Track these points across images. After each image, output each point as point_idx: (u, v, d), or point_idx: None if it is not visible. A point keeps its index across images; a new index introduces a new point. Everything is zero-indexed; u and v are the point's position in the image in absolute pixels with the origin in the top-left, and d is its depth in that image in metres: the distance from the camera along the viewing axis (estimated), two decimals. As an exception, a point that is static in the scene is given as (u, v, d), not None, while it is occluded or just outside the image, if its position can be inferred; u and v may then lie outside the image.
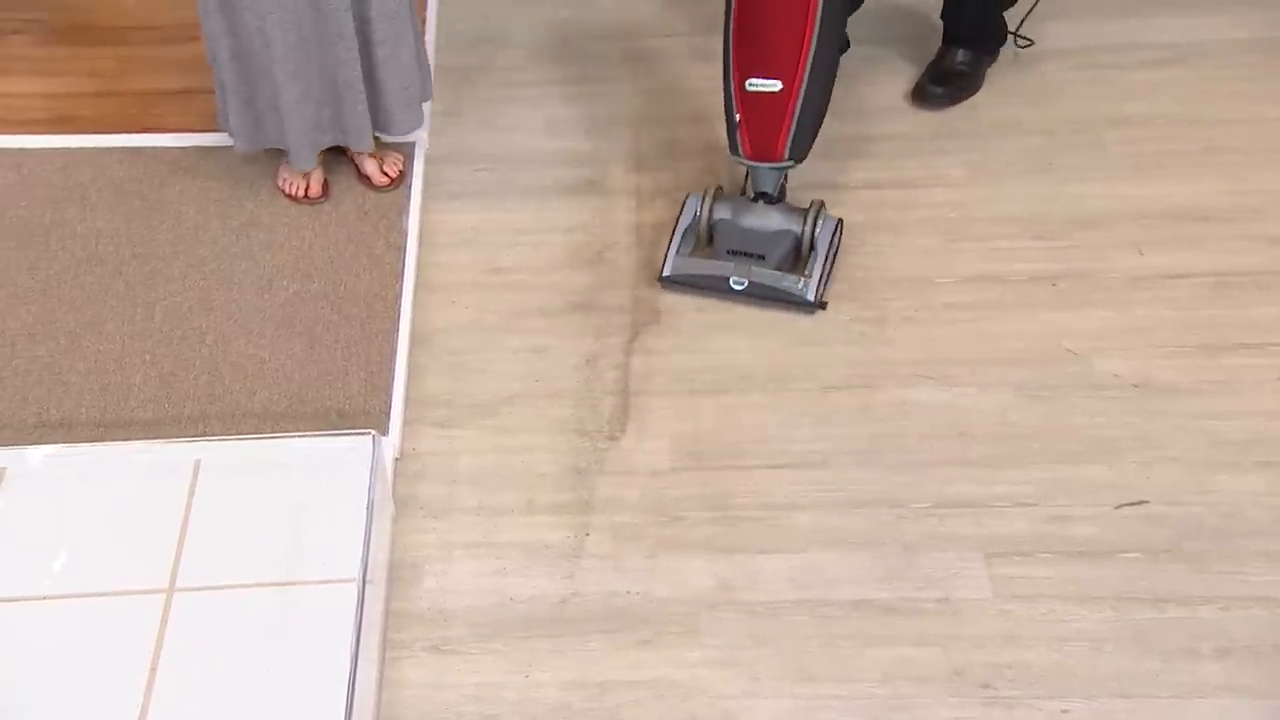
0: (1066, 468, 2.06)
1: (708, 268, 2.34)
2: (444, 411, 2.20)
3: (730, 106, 2.28)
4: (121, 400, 2.16)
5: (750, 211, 2.36)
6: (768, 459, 2.11)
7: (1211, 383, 2.16)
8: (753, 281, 2.30)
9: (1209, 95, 2.65)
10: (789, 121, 2.24)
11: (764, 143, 2.27)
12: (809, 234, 2.32)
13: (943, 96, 2.71)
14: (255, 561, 1.89)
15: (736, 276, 2.30)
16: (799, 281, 2.30)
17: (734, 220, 2.36)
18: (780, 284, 2.30)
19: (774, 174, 2.33)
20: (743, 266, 2.31)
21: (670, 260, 2.37)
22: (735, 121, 2.27)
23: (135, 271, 2.35)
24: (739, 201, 2.38)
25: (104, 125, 2.60)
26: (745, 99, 2.25)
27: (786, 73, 2.21)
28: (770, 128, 2.25)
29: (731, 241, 2.34)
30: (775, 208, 2.35)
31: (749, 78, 2.23)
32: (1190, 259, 2.35)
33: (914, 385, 2.19)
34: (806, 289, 2.29)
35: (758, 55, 2.22)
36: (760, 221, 2.35)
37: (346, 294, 2.33)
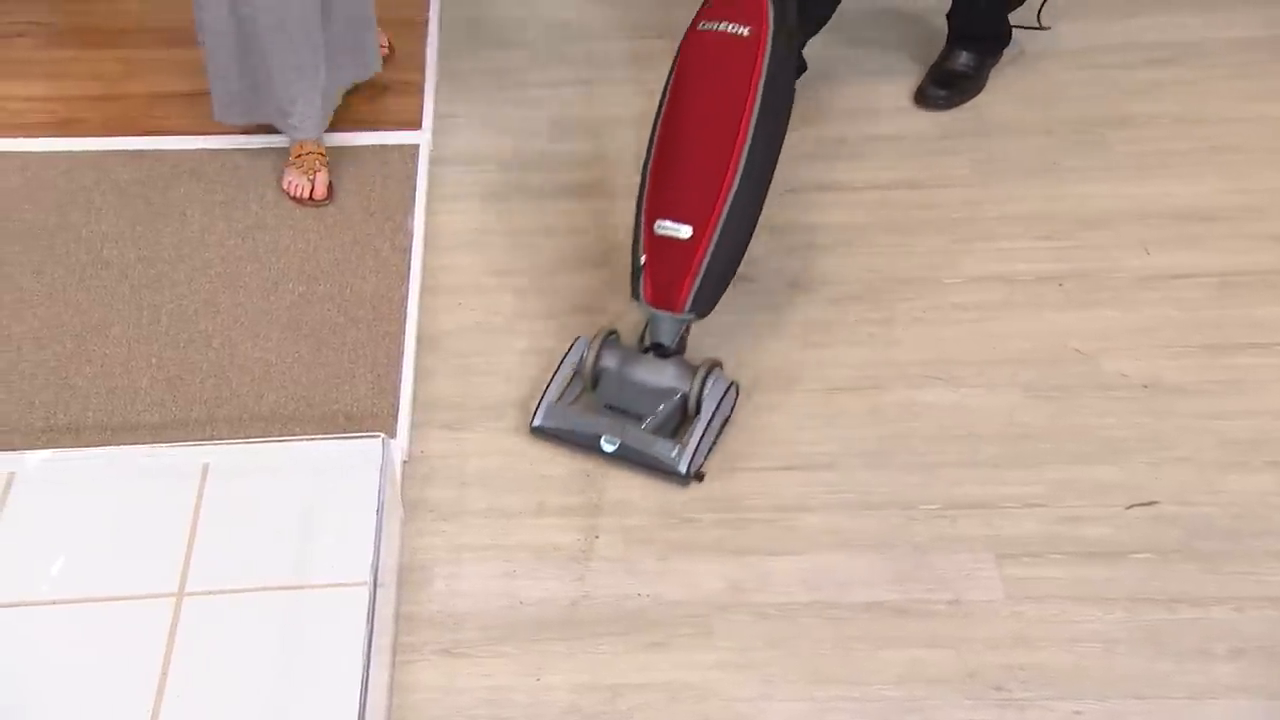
0: (1076, 468, 2.06)
1: (580, 423, 2.11)
2: (452, 414, 2.19)
3: (636, 246, 2.09)
4: (128, 404, 2.15)
5: (639, 364, 2.12)
6: (776, 460, 2.11)
7: (1220, 382, 2.16)
8: (624, 445, 2.06)
9: (1212, 94, 2.66)
10: (695, 272, 2.04)
11: (667, 291, 2.06)
12: (695, 394, 2.08)
13: (945, 99, 2.71)
14: (265, 565, 1.89)
15: (608, 437, 2.07)
16: (673, 449, 2.05)
17: (620, 371, 2.12)
18: (651, 450, 2.06)
19: (674, 325, 2.10)
20: (616, 426, 2.08)
21: (541, 409, 2.13)
22: (640, 264, 2.07)
23: (141, 275, 2.34)
24: (629, 351, 2.15)
25: (108, 128, 2.59)
26: (653, 241, 2.06)
27: (699, 219, 2.03)
28: (675, 276, 2.05)
29: (611, 395, 2.13)
30: (669, 362, 2.12)
31: (659, 219, 2.06)
32: (1196, 259, 2.35)
33: (922, 386, 2.19)
34: (679, 458, 2.04)
35: (671, 196, 2.06)
36: (649, 376, 2.11)
37: (353, 296, 2.32)
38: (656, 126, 2.12)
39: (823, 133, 2.65)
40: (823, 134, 2.64)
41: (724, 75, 2.06)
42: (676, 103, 2.11)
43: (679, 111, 2.10)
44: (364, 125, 2.63)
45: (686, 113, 2.09)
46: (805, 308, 2.32)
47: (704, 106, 2.08)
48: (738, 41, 2.07)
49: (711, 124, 2.06)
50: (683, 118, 2.09)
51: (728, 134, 2.03)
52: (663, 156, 2.09)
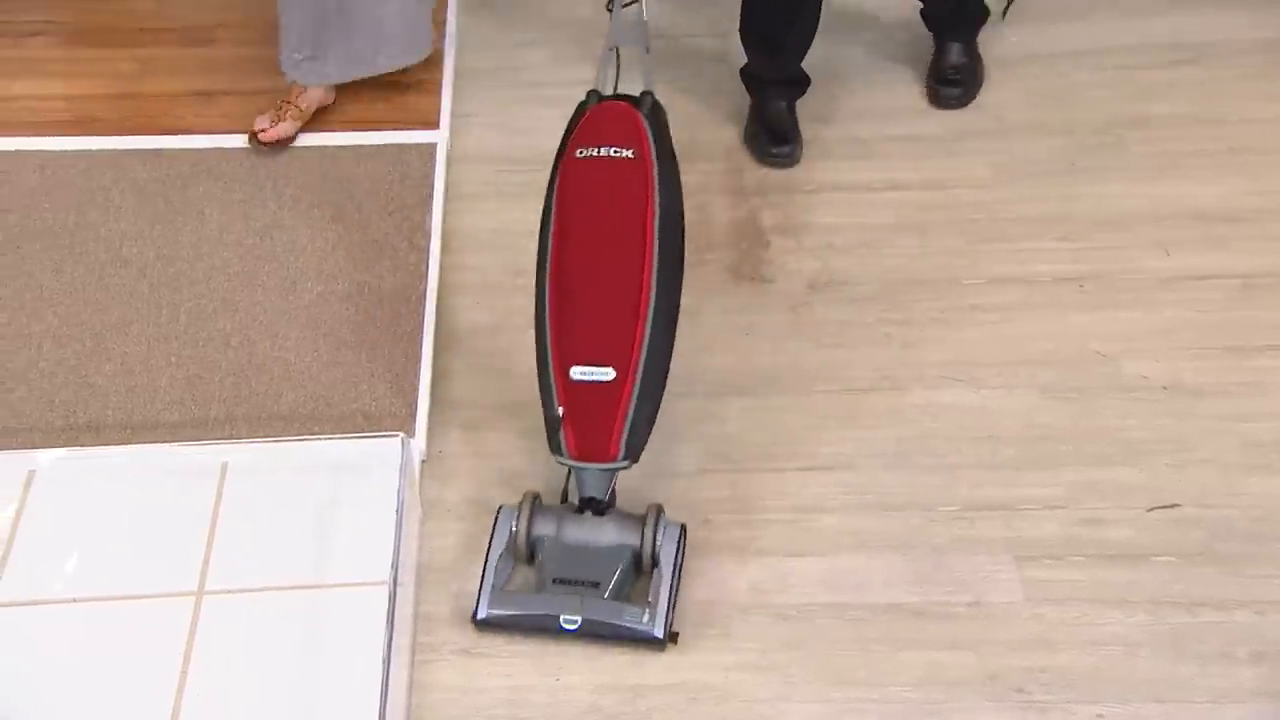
0: (1097, 470, 2.05)
1: (531, 605, 1.90)
2: (470, 414, 2.19)
3: (549, 398, 1.91)
4: (148, 402, 2.15)
5: (577, 524, 1.94)
6: (795, 461, 2.11)
7: (1241, 384, 2.15)
8: (587, 619, 1.86)
9: (1230, 95, 2.64)
10: (623, 414, 1.88)
11: (593, 440, 1.89)
12: (649, 548, 1.91)
13: (960, 97, 2.70)
14: (284, 564, 1.89)
15: (567, 615, 1.86)
16: (643, 614, 1.86)
17: (558, 537, 1.93)
18: (620, 619, 1.87)
19: (604, 477, 1.92)
20: (572, 601, 1.87)
21: (484, 599, 1.91)
22: (557, 416, 1.89)
23: (160, 273, 2.34)
24: (562, 512, 1.96)
25: (125, 127, 2.59)
26: (570, 390, 1.89)
27: (620, 359, 1.88)
28: (601, 422, 1.88)
29: (557, 567, 1.91)
30: (607, 518, 1.94)
31: (574, 365, 1.90)
32: (1217, 260, 2.34)
33: (941, 387, 2.19)
34: (653, 622, 1.86)
35: (583, 339, 1.91)
36: (590, 536, 1.93)
37: (371, 296, 2.32)
38: (546, 266, 1.95)
39: (839, 133, 2.64)
40: (839, 134, 2.63)
41: (615, 201, 1.95)
42: (566, 238, 1.96)
43: (571, 247, 1.95)
44: (382, 125, 2.62)
45: (580, 247, 1.95)
46: (823, 308, 2.32)
47: (600, 237, 1.94)
48: (624, 164, 1.96)
49: (612, 254, 1.93)
50: (577, 253, 1.95)
51: (633, 262, 1.91)
52: (562, 298, 1.93)
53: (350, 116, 2.63)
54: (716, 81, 2.76)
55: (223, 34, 2.79)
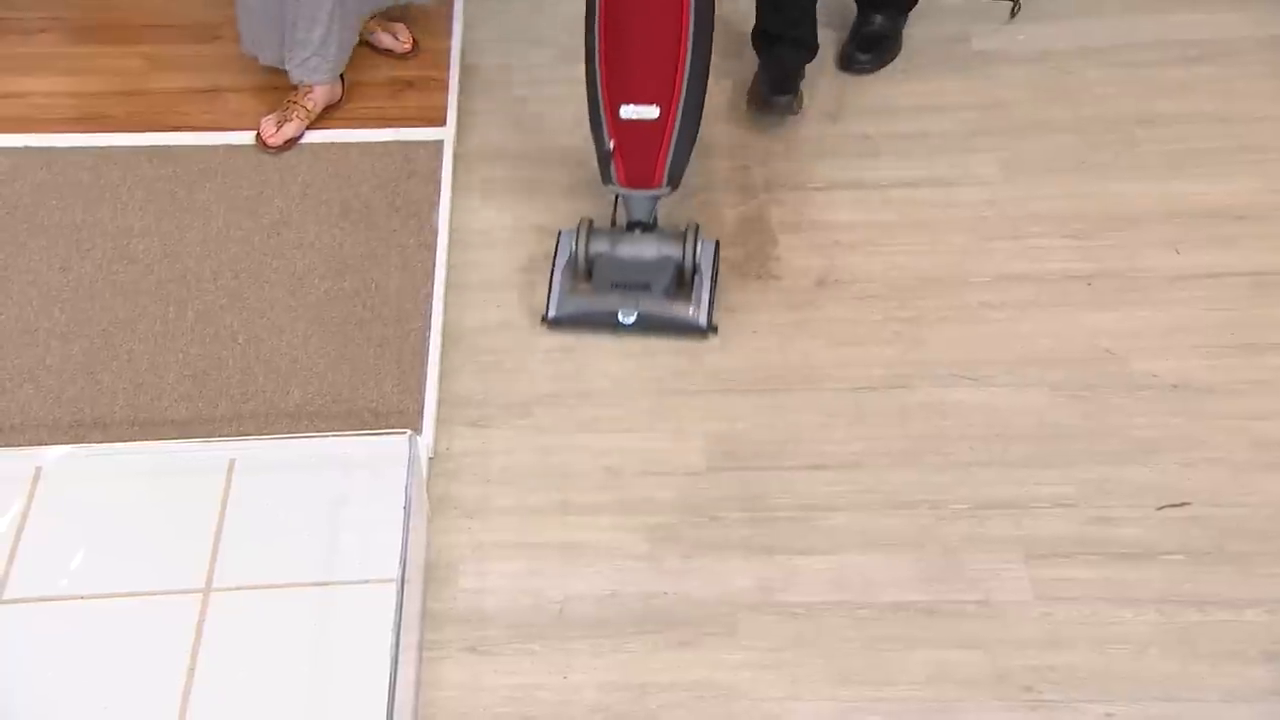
0: (1107, 468, 2.05)
1: (593, 304, 2.27)
2: (477, 411, 2.19)
3: (601, 134, 2.22)
4: (155, 399, 2.15)
5: (627, 241, 2.29)
6: (804, 459, 2.10)
7: (1251, 383, 2.14)
8: (641, 313, 2.23)
9: (1240, 93, 2.63)
10: (667, 147, 2.19)
11: (641, 170, 2.22)
12: (690, 258, 2.26)
13: (869, 62, 2.76)
14: (292, 561, 1.88)
15: (624, 310, 2.23)
16: (689, 309, 2.24)
17: (612, 252, 2.29)
18: (670, 313, 2.25)
19: (649, 201, 2.27)
20: (629, 299, 2.24)
21: (553, 301, 2.28)
22: (608, 149, 2.21)
23: (167, 270, 2.34)
24: (614, 233, 2.31)
25: (132, 124, 2.59)
26: (619, 126, 2.19)
27: (663, 98, 2.17)
28: (647, 155, 2.20)
29: (613, 274, 2.27)
30: (651, 235, 2.29)
31: (623, 104, 2.18)
32: (1227, 258, 2.33)
33: (950, 385, 2.18)
34: (698, 315, 2.24)
35: (632, 81, 2.18)
36: (639, 250, 2.28)
37: (378, 292, 2.32)
38: (595, 19, 2.18)
39: (845, 130, 2.63)
40: (845, 131, 2.62)
41: None
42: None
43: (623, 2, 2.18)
44: (388, 122, 2.62)
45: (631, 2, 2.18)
46: (831, 306, 2.31)
47: None
48: None
49: (655, 8, 2.15)
50: (628, 6, 2.17)
51: (673, 15, 2.14)
52: (612, 46, 2.18)
53: (357, 114, 2.63)
54: (723, 77, 2.75)
55: (230, 30, 2.76)
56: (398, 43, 2.75)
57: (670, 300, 2.25)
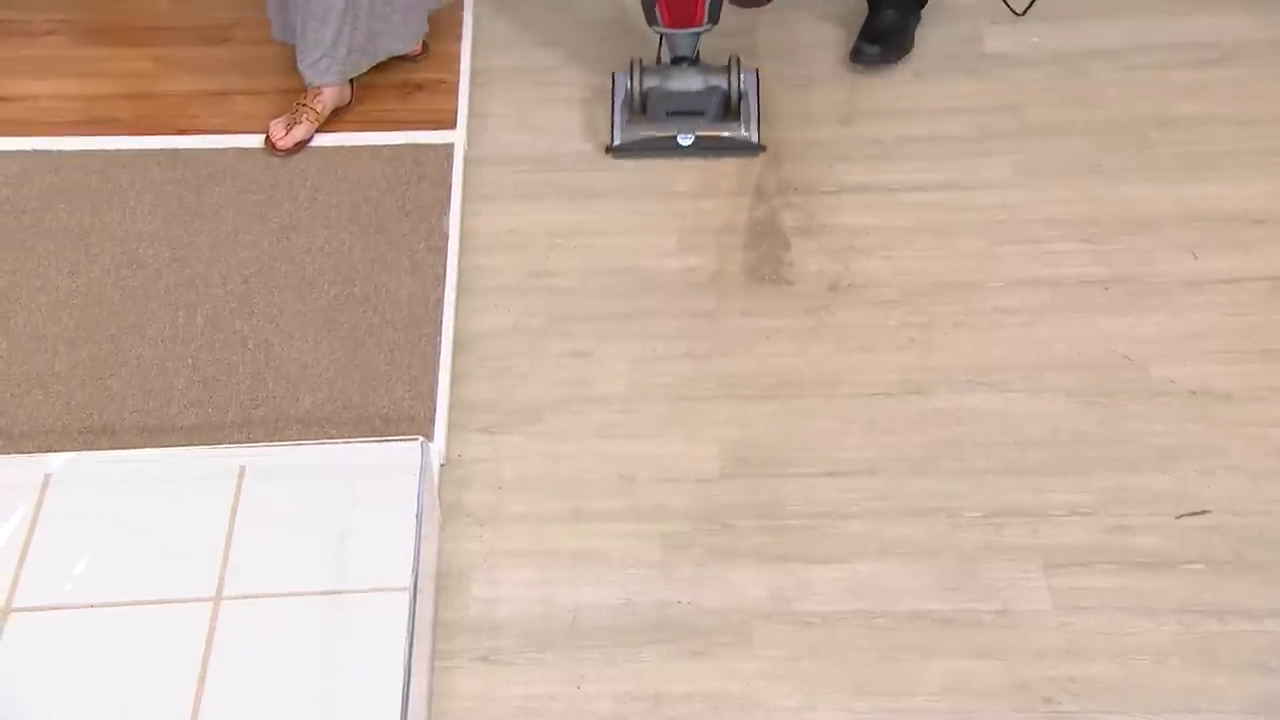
0: (1125, 476, 2.03)
1: (653, 130, 2.55)
2: (488, 417, 2.17)
3: None
4: (164, 405, 2.14)
5: (675, 75, 2.54)
6: (818, 466, 2.08)
7: (1271, 389, 2.12)
8: (699, 135, 2.52)
9: (1258, 95, 2.60)
10: None
11: (683, 11, 2.47)
12: (736, 86, 2.52)
13: (877, 55, 2.76)
14: (303, 569, 1.87)
15: (682, 133, 2.52)
16: (741, 128, 2.53)
17: (663, 86, 2.54)
18: (724, 133, 2.53)
19: (692, 39, 2.53)
20: (686, 124, 2.53)
21: (617, 131, 2.57)
22: None
23: (175, 275, 2.33)
24: (663, 68, 2.57)
25: (141, 127, 2.57)
26: None
27: None
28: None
29: (667, 104, 2.54)
30: (695, 68, 2.55)
31: None
32: (1245, 263, 2.31)
33: (966, 391, 2.16)
34: (750, 134, 2.54)
35: None
36: (687, 83, 2.54)
37: (388, 298, 2.30)
38: None
39: (857, 133, 2.60)
40: (857, 134, 2.60)
41: None
42: None
43: None
44: (398, 125, 2.60)
45: None
46: (845, 311, 2.29)
47: None
48: None
49: None
50: None
51: None
52: None
53: (366, 117, 2.61)
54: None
55: (239, 32, 2.76)
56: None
57: (723, 123, 2.54)
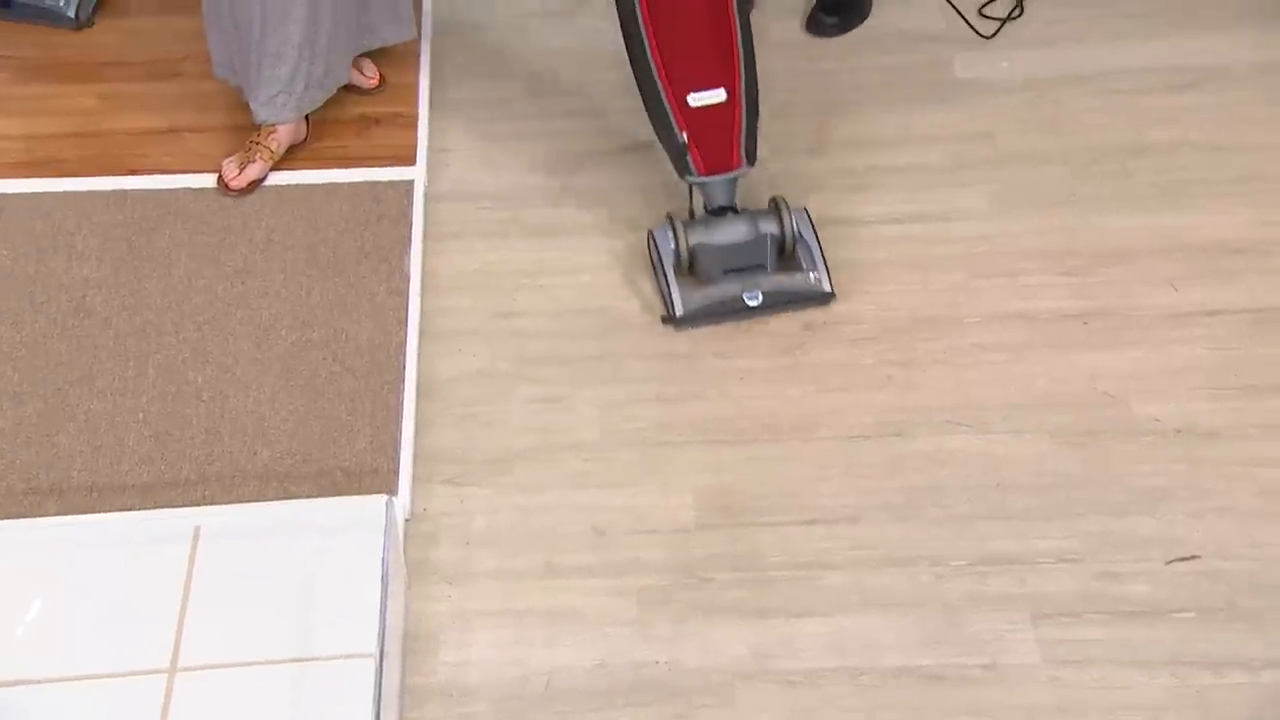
0: (1111, 520, 1.97)
1: (716, 294, 2.25)
2: (455, 468, 2.09)
3: (671, 128, 2.22)
4: (114, 463, 2.04)
5: (721, 227, 2.27)
6: (797, 514, 2.02)
7: (1257, 426, 2.08)
8: (766, 292, 2.24)
9: (1234, 120, 2.57)
10: (739, 126, 2.23)
11: (718, 155, 2.23)
12: (790, 230, 2.27)
13: (835, 25, 2.82)
14: (262, 637, 1.79)
15: (749, 292, 2.24)
16: (811, 277, 2.27)
17: (710, 241, 2.27)
18: (793, 286, 2.26)
19: (731, 185, 2.28)
20: (750, 281, 2.25)
21: (677, 299, 2.25)
22: (682, 142, 2.22)
23: (125, 324, 2.23)
24: (705, 221, 2.29)
25: (88, 168, 2.47)
26: (690, 116, 2.21)
27: (727, 78, 2.21)
28: (723, 138, 2.22)
29: (723, 261, 2.26)
30: (740, 217, 2.29)
31: (689, 93, 2.21)
32: (1225, 295, 2.27)
33: (947, 433, 2.10)
34: (821, 282, 2.27)
35: (694, 68, 2.21)
36: (736, 234, 2.27)
37: (348, 343, 2.22)
38: (638, 19, 2.20)
39: (828, 164, 2.54)
40: (828, 165, 2.54)
41: None
42: None
43: None
44: (356, 162, 2.51)
45: None
46: (821, 350, 2.23)
47: None
48: None
49: None
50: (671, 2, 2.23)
51: None
52: (663, 39, 2.20)
53: (322, 154, 2.52)
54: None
55: (190, 66, 2.67)
56: (364, 78, 2.64)
57: (788, 273, 2.27)
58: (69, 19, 2.75)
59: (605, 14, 2.87)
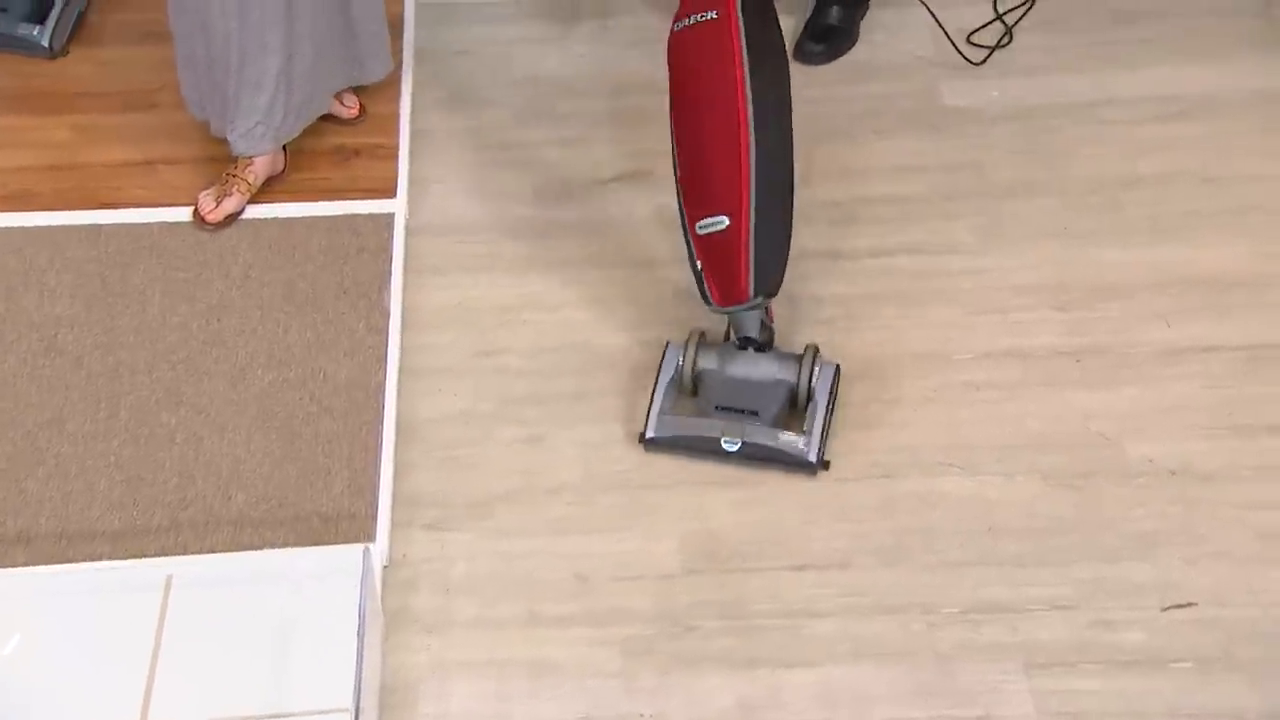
0: (1105, 565, 1.93)
1: (695, 427, 2.07)
2: (435, 512, 2.04)
3: (691, 255, 2.10)
4: (85, 509, 1.99)
5: (738, 360, 2.11)
6: (785, 559, 1.97)
7: (1253, 468, 2.04)
8: (746, 442, 2.03)
9: (1227, 151, 2.53)
10: (745, 256, 2.02)
11: (728, 285, 2.06)
12: (805, 384, 2.08)
13: (822, 53, 2.79)
14: (234, 690, 1.73)
15: (728, 437, 2.03)
16: (799, 441, 2.03)
17: (721, 371, 2.11)
18: (776, 444, 2.03)
19: (752, 316, 2.09)
20: (734, 426, 2.05)
21: (653, 420, 2.09)
22: (699, 270, 2.09)
23: (97, 363, 2.18)
24: (725, 349, 2.13)
25: (61, 202, 2.42)
26: (700, 243, 2.07)
27: (730, 204, 2.01)
28: (729, 268, 2.04)
29: (720, 396, 2.09)
30: (764, 357, 2.11)
31: (698, 220, 2.06)
32: (1221, 331, 2.23)
33: (937, 474, 2.06)
34: (808, 449, 2.03)
35: (701, 194, 2.07)
36: (750, 371, 2.10)
37: (326, 382, 2.17)
38: (672, 139, 2.13)
39: (814, 195, 2.49)
40: (814, 197, 2.49)
41: (707, 64, 2.05)
42: (678, 108, 2.12)
43: (682, 115, 2.11)
44: (335, 194, 2.46)
45: (688, 113, 2.10)
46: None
47: (700, 100, 2.07)
48: (709, 26, 2.06)
49: (712, 113, 2.05)
50: (686, 119, 2.10)
51: (729, 116, 2.01)
52: (684, 162, 2.11)
53: (301, 186, 2.47)
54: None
55: (166, 96, 2.61)
56: (344, 108, 2.60)
57: (779, 429, 2.05)
58: (43, 48, 2.69)
59: (590, 39, 2.87)
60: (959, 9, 2.84)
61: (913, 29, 2.82)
